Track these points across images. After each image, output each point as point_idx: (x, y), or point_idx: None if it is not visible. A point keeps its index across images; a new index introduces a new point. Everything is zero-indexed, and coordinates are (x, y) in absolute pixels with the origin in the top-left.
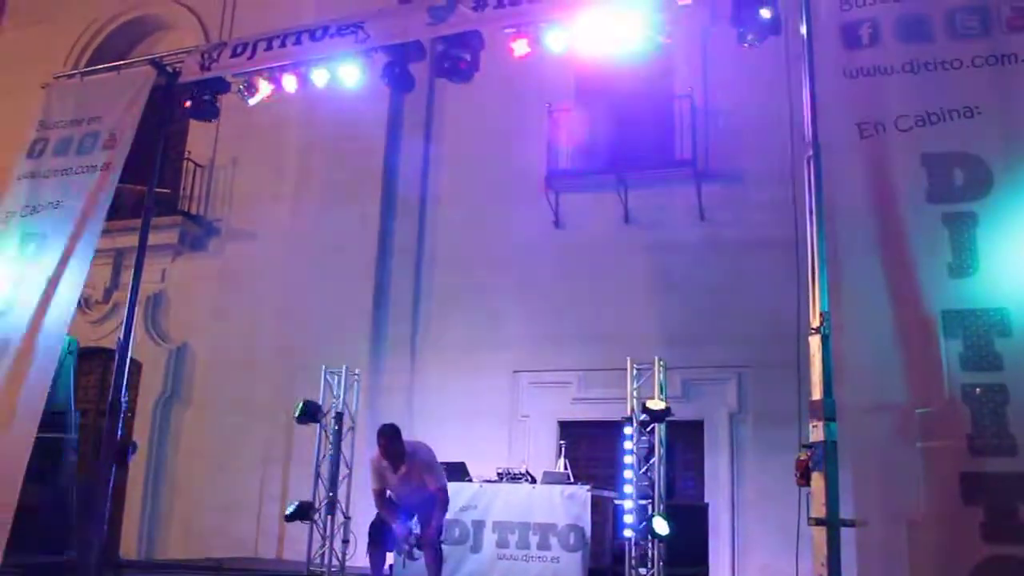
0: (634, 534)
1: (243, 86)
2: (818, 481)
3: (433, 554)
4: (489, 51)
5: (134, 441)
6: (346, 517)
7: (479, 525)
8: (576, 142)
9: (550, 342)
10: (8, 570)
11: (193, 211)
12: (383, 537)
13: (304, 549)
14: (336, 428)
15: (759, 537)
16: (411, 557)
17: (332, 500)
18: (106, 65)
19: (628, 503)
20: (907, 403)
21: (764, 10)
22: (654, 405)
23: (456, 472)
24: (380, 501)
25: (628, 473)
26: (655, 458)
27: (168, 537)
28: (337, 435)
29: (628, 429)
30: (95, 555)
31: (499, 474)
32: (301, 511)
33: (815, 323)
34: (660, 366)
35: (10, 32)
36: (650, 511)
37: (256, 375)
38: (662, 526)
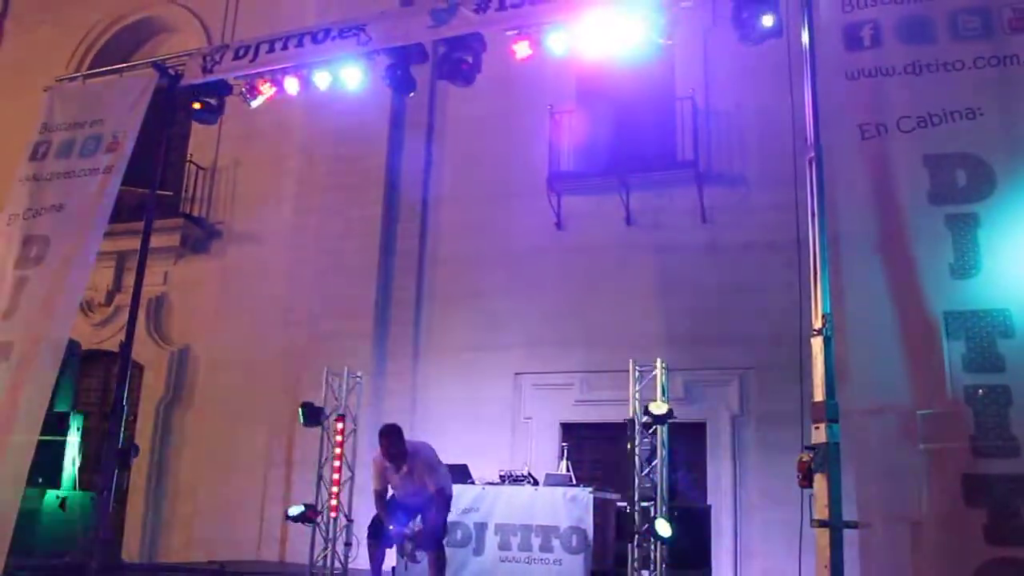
0: (636, 536)
1: (245, 88)
2: (820, 483)
3: (435, 556)
4: (491, 53)
5: (136, 444)
6: (348, 520)
7: (481, 527)
8: (578, 144)
9: (552, 344)
10: (10, 573)
11: (195, 213)
12: (383, 533)
13: (307, 551)
14: (338, 431)
15: (761, 539)
16: (413, 559)
17: (334, 503)
18: (108, 68)
19: (630, 505)
20: (909, 405)
21: (765, 17)
22: (656, 408)
23: (458, 474)
24: (379, 503)
25: (630, 475)
26: (657, 460)
27: (170, 540)
28: (339, 437)
29: (630, 431)
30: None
31: (501, 476)
32: (306, 515)
33: (817, 325)
34: (662, 368)
35: (13, 35)
36: (652, 513)
37: (258, 377)
38: (664, 528)
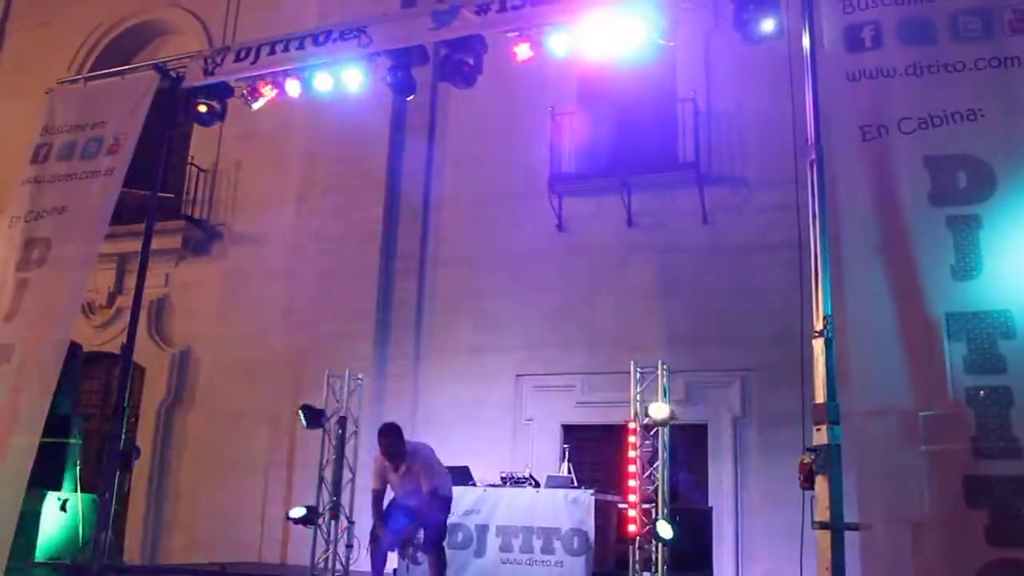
0: (638, 538)
1: (246, 91)
2: (822, 485)
3: (435, 558)
4: (492, 55)
5: (137, 446)
6: (350, 521)
7: (483, 529)
8: (579, 145)
9: (554, 346)
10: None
11: (196, 215)
12: (385, 539)
13: (308, 553)
14: (340, 433)
15: (763, 541)
16: (415, 561)
17: (336, 504)
18: (110, 70)
19: (632, 507)
20: (911, 406)
21: (766, 22)
22: (657, 413)
23: (460, 476)
24: (375, 505)
25: (632, 477)
26: (659, 462)
27: (172, 541)
28: (340, 439)
29: (631, 433)
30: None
31: (503, 478)
32: (307, 517)
33: (818, 326)
34: (663, 370)
35: (15, 36)
36: (654, 515)
37: (259, 379)
38: (666, 530)
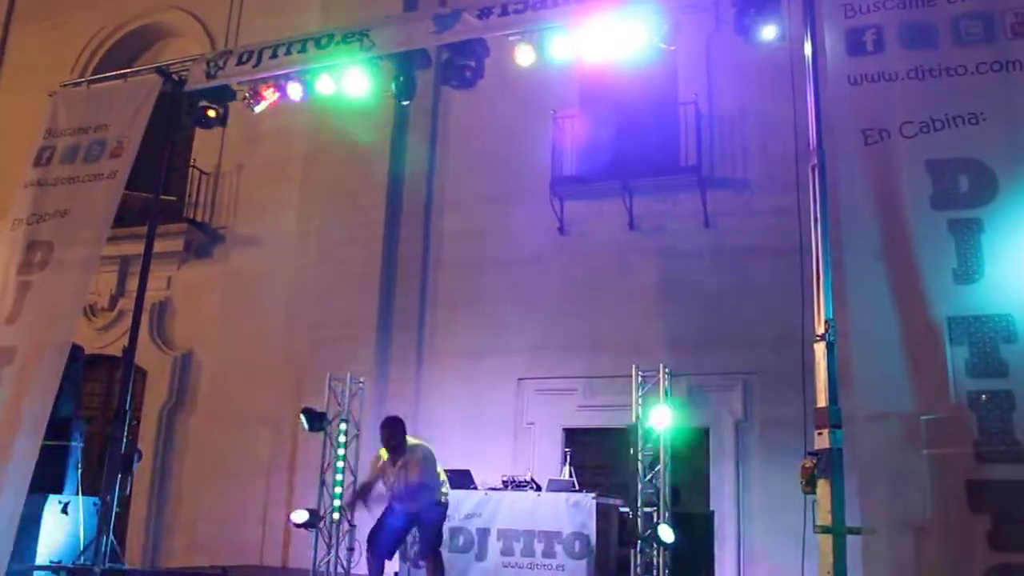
0: (639, 542)
1: (249, 94)
2: (824, 489)
3: (432, 563)
4: (494, 58)
5: (139, 449)
6: (351, 525)
7: (484, 533)
8: (581, 149)
9: (555, 349)
10: None
11: (198, 218)
12: (381, 544)
13: (309, 556)
14: (341, 436)
15: (765, 545)
16: (416, 566)
17: (337, 508)
18: (113, 73)
19: (633, 511)
20: (913, 410)
21: (767, 29)
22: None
23: (461, 479)
24: (360, 490)
25: (633, 480)
26: (660, 465)
27: (173, 544)
28: (342, 443)
29: (633, 436)
30: (100, 563)
31: (504, 482)
32: (310, 522)
33: (820, 330)
34: (665, 373)
35: (18, 40)
36: (655, 519)
37: (261, 382)
38: (667, 534)
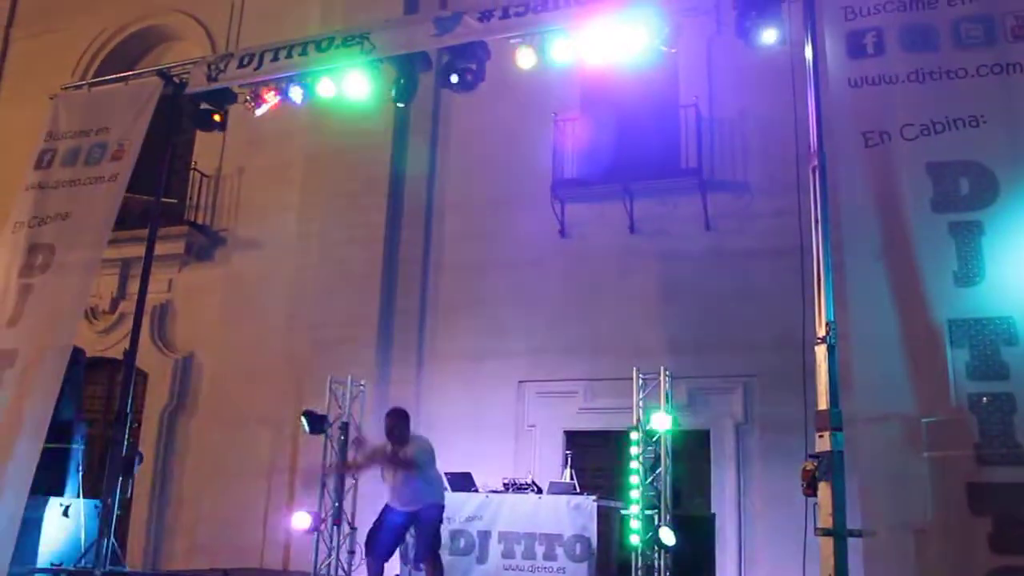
0: (640, 544)
1: (250, 97)
2: (825, 491)
3: (431, 566)
4: (495, 60)
5: (140, 451)
6: (352, 528)
7: (485, 535)
8: (582, 151)
9: (556, 352)
10: None
11: (199, 221)
12: (380, 543)
13: (310, 559)
14: (342, 438)
15: (766, 547)
16: (417, 568)
17: (338, 510)
18: (114, 76)
19: (634, 513)
20: (914, 412)
21: (767, 33)
22: (659, 423)
23: (462, 482)
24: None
25: (634, 483)
26: (661, 468)
27: (174, 547)
28: (343, 445)
29: (634, 439)
30: (101, 566)
31: (505, 484)
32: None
33: (821, 332)
34: (666, 376)
35: (19, 43)
36: (656, 521)
37: (262, 385)
38: (668, 536)
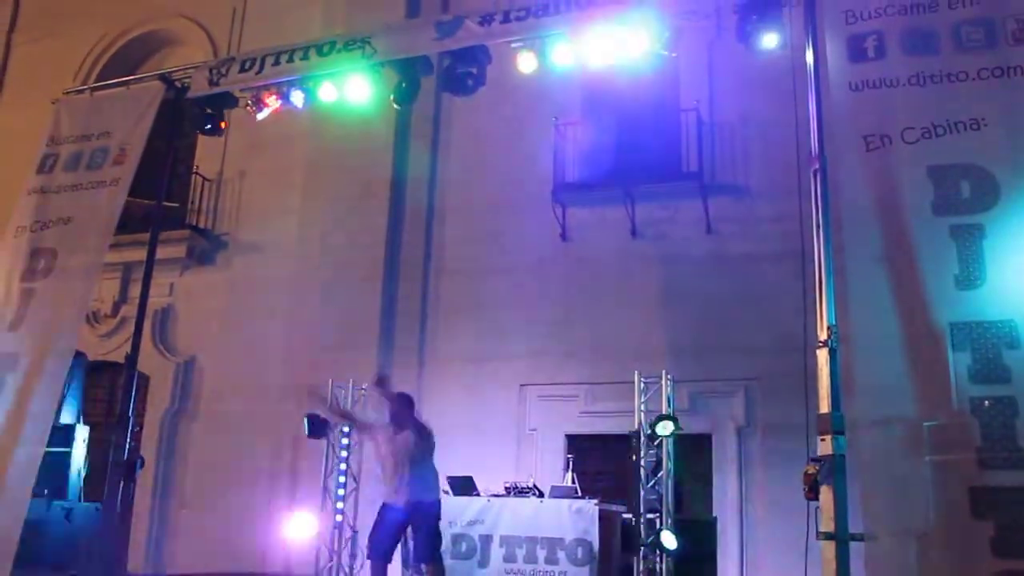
0: (642, 548)
1: (251, 101)
2: (827, 495)
3: (433, 568)
4: (496, 64)
5: (141, 455)
6: (353, 531)
7: (486, 539)
8: (583, 155)
9: (558, 355)
10: None
11: (201, 225)
12: (381, 542)
13: (312, 562)
14: (343, 442)
15: (768, 551)
16: (418, 571)
17: (339, 514)
18: (115, 80)
19: (636, 517)
20: (916, 416)
21: (768, 37)
22: (662, 429)
23: (463, 486)
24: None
25: (636, 487)
26: (663, 472)
27: (175, 551)
28: (344, 449)
29: (636, 443)
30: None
31: (506, 488)
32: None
33: (822, 336)
34: (667, 379)
35: (21, 47)
36: (658, 525)
37: (263, 389)
38: (670, 540)
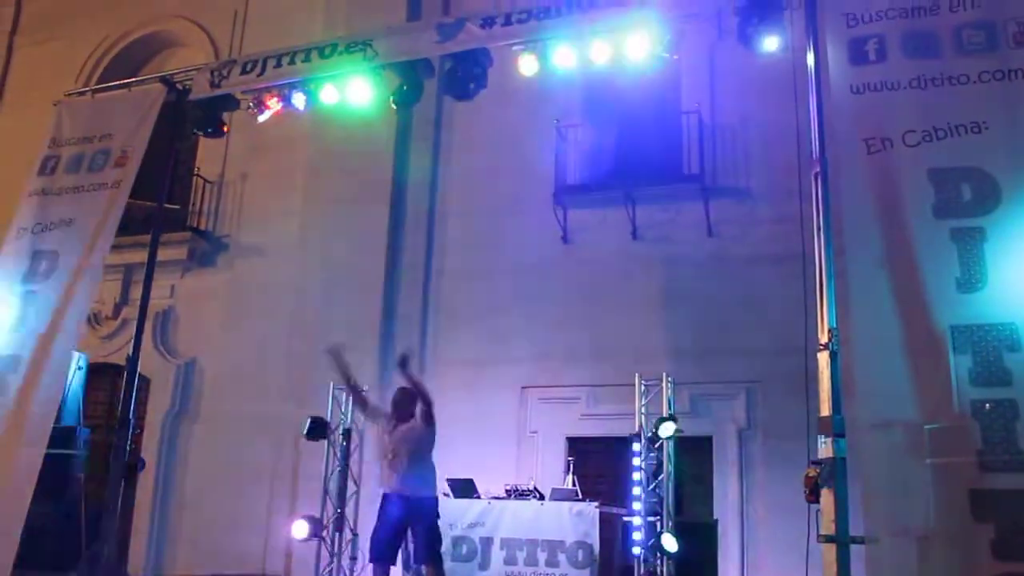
0: (643, 551)
1: (253, 103)
2: (827, 498)
3: (433, 570)
4: (498, 66)
5: (142, 457)
6: (354, 534)
7: (487, 542)
8: (584, 157)
9: (558, 358)
10: None
11: (202, 227)
12: (381, 541)
13: (312, 565)
14: (344, 444)
15: (768, 554)
16: (420, 573)
17: (340, 516)
18: (117, 83)
19: (636, 520)
20: (916, 419)
21: (769, 40)
22: (664, 431)
23: (464, 488)
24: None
25: (636, 489)
26: (663, 474)
27: (176, 554)
28: (345, 451)
29: (636, 445)
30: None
31: (507, 491)
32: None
33: (823, 339)
34: (668, 382)
35: (23, 50)
36: (659, 528)
37: (264, 391)
38: (671, 543)
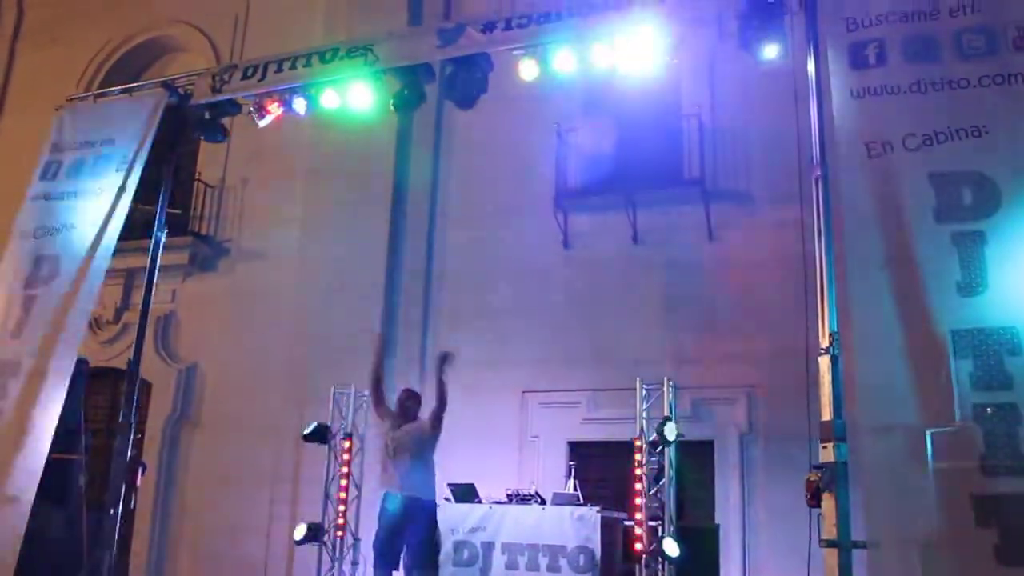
0: (644, 556)
1: (253, 108)
2: (829, 502)
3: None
4: (498, 71)
5: (143, 462)
6: (355, 539)
7: (488, 547)
8: (584, 162)
9: (559, 362)
10: None
11: (203, 232)
12: (382, 541)
13: (313, 570)
14: (345, 449)
15: (770, 559)
16: None
17: (341, 521)
18: (118, 87)
19: (638, 524)
20: (918, 423)
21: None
22: (669, 433)
23: (465, 493)
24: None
25: (638, 494)
26: (665, 479)
27: (177, 558)
28: (346, 456)
29: (638, 450)
30: None
31: (508, 495)
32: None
33: (824, 343)
34: (669, 386)
35: (25, 55)
36: (660, 532)
37: (265, 395)
38: (672, 548)
